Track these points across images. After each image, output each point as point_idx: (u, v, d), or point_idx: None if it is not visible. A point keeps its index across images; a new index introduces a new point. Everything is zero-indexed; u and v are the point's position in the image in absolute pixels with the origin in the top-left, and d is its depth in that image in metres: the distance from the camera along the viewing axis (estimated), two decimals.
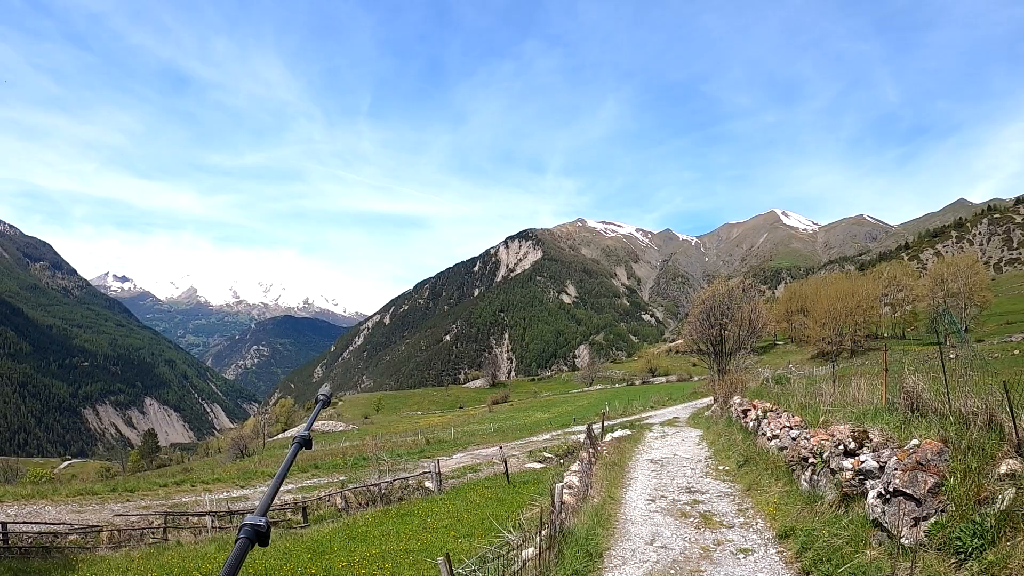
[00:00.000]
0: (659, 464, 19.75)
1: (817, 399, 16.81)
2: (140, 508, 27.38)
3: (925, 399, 10.54)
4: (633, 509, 13.65)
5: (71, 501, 29.24)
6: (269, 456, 56.22)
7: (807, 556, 9.21)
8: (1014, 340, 72.91)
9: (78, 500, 29.56)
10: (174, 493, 32.18)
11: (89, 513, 26.56)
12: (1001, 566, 5.65)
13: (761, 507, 12.74)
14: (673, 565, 9.77)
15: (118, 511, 26.02)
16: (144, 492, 32.13)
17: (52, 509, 27.30)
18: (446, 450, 43.51)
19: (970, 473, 7.11)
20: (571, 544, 10.28)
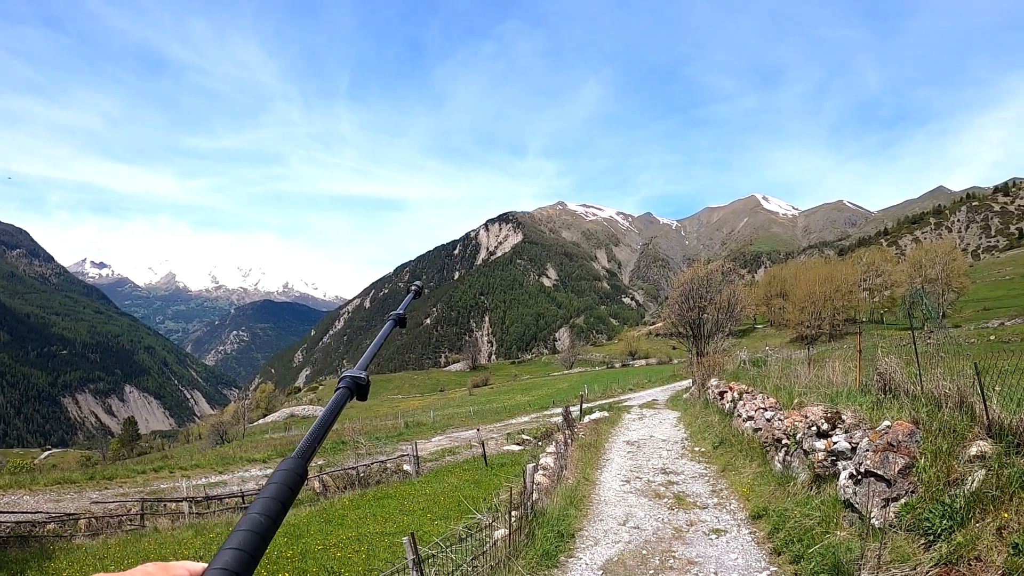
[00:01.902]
0: (635, 446, 19.78)
1: (792, 381, 16.87)
2: (118, 495, 27.08)
3: (898, 381, 10.55)
4: (607, 490, 13.64)
5: (49, 490, 28.91)
6: (249, 441, 55.87)
7: (779, 536, 9.22)
8: (991, 326, 73.64)
9: (56, 489, 29.24)
10: (152, 480, 31.89)
11: (67, 502, 26.28)
12: (970, 548, 5.64)
13: (735, 488, 12.76)
14: (645, 545, 9.75)
15: (96, 499, 25.71)
16: (122, 479, 31.83)
17: (30, 499, 26.97)
18: (425, 433, 43.42)
19: (940, 454, 7.11)
20: (543, 525, 10.24)
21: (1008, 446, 6.47)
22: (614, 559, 9.28)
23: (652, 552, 9.45)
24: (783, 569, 8.36)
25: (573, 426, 23.62)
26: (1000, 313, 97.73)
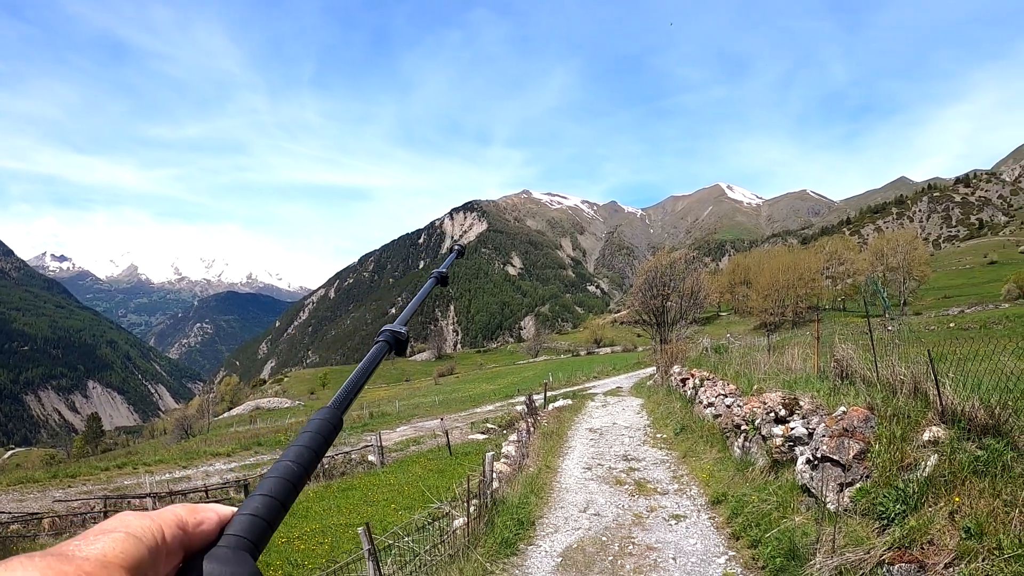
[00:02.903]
0: (598, 433, 19.83)
1: (752, 368, 17.01)
2: (82, 493, 26.66)
3: (855, 368, 10.65)
4: (569, 477, 13.64)
5: (12, 490, 28.32)
6: (214, 435, 55.15)
7: (737, 521, 9.29)
8: (951, 314, 75.00)
9: (19, 489, 28.65)
10: (116, 476, 31.44)
11: (30, 501, 25.79)
12: (922, 531, 5.68)
13: (695, 474, 12.84)
14: (605, 532, 9.76)
15: (59, 497, 25.32)
16: (86, 477, 31.34)
17: None
18: (390, 423, 43.21)
19: (895, 440, 7.17)
20: (503, 513, 10.21)
21: (961, 431, 6.54)
22: (574, 546, 9.28)
23: (612, 538, 9.46)
24: (741, 554, 8.42)
25: (536, 414, 23.64)
26: (960, 301, 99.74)
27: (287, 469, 0.76)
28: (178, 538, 0.55)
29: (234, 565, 0.58)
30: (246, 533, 0.64)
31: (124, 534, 0.47)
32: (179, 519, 0.57)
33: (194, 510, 0.62)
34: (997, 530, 4.93)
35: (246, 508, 0.68)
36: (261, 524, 0.66)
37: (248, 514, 0.67)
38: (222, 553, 0.60)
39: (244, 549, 0.61)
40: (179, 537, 0.56)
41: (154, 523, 0.52)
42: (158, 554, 0.50)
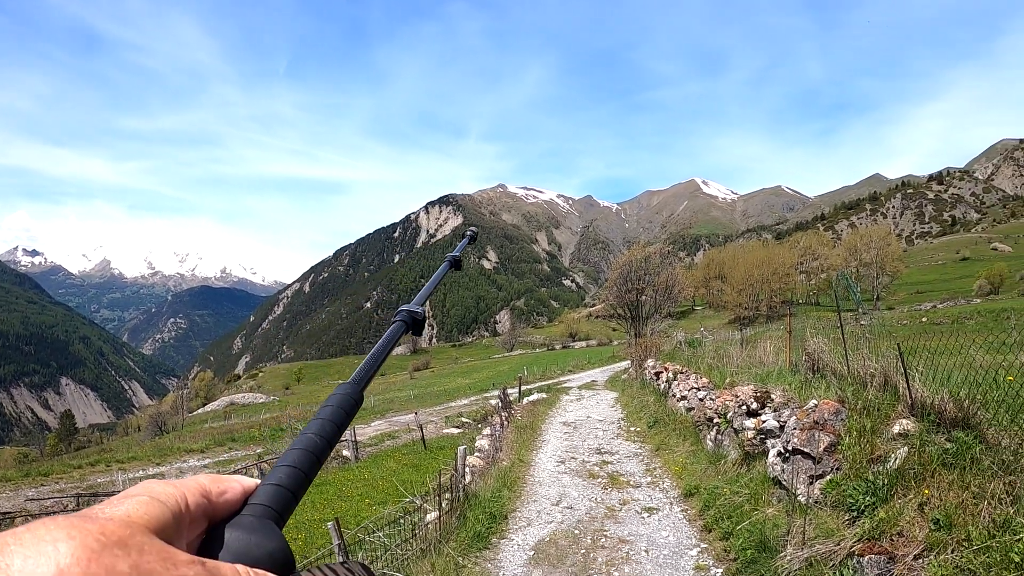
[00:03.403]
0: (572, 426, 19.85)
1: (725, 361, 17.08)
2: (55, 492, 26.30)
3: (826, 361, 10.71)
4: (542, 471, 13.63)
5: None
6: (188, 432, 54.67)
7: (709, 514, 9.32)
8: (923, 309, 76.05)
9: None
10: (89, 474, 31.09)
11: (3, 500, 25.38)
12: (892, 523, 5.71)
13: (668, 467, 12.87)
14: (578, 525, 9.75)
15: (31, 496, 24.97)
16: (59, 475, 30.97)
17: None
18: (364, 418, 43.00)
19: (865, 432, 7.20)
20: (475, 507, 10.17)
21: (930, 424, 6.57)
22: (546, 539, 9.26)
23: (584, 532, 9.45)
24: (713, 546, 8.44)
25: (510, 408, 23.62)
26: (932, 296, 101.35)
27: (310, 441, 0.76)
28: (201, 506, 0.56)
29: (259, 534, 0.58)
30: (271, 502, 0.64)
31: (148, 498, 0.48)
32: (203, 488, 0.58)
33: (218, 480, 0.62)
34: (966, 522, 4.95)
35: (270, 479, 0.68)
36: (286, 494, 0.66)
37: (273, 484, 0.67)
38: (247, 522, 0.60)
39: (269, 518, 0.61)
40: (202, 505, 0.56)
41: (178, 490, 0.53)
42: (182, 520, 0.50)
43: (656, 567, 7.96)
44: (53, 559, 0.41)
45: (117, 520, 0.44)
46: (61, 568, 0.40)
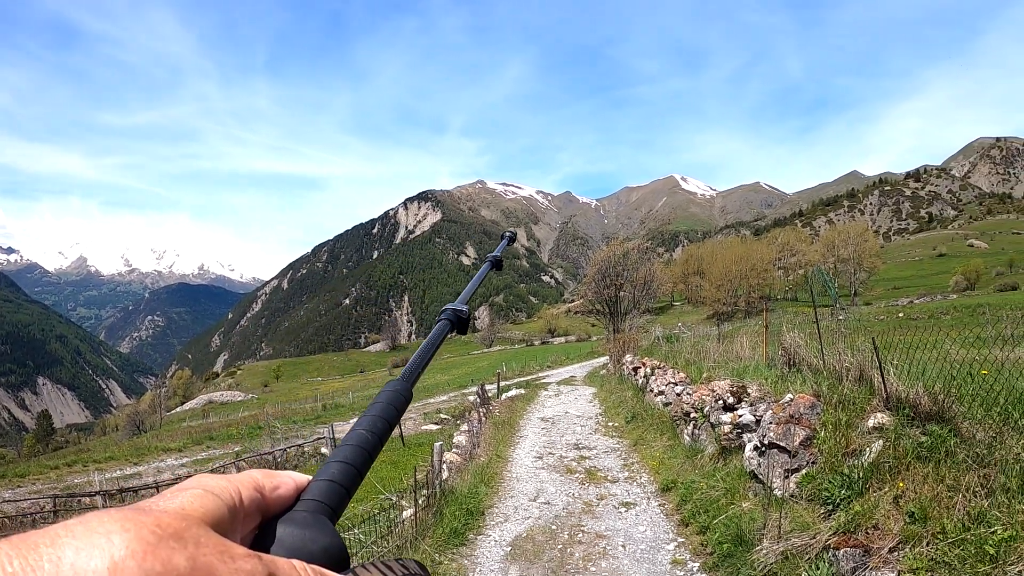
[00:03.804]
0: (550, 422, 19.84)
1: (702, 356, 17.15)
2: (31, 493, 25.97)
3: (802, 356, 10.75)
4: (520, 467, 13.60)
5: None
6: (166, 431, 54.06)
7: (686, 508, 9.33)
8: (900, 304, 76.80)
9: None
10: (66, 475, 30.75)
11: None
12: (867, 516, 5.72)
13: (646, 461, 12.88)
14: (555, 521, 9.72)
15: (8, 497, 24.63)
16: (35, 476, 30.61)
17: None
18: (343, 415, 42.84)
19: (840, 426, 7.23)
20: (452, 503, 10.11)
21: (905, 418, 6.60)
22: (523, 535, 9.22)
23: (561, 527, 9.42)
24: (690, 540, 8.44)
25: (489, 404, 23.57)
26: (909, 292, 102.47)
27: (361, 437, 0.76)
28: (255, 501, 0.56)
29: (313, 529, 0.58)
30: (324, 498, 0.63)
31: (203, 491, 0.48)
32: (256, 482, 0.58)
33: (271, 475, 0.62)
34: (941, 514, 4.96)
35: (323, 474, 0.67)
36: (339, 490, 0.66)
37: (325, 480, 0.66)
38: (300, 517, 0.59)
39: (322, 513, 0.61)
40: (256, 500, 0.56)
41: (231, 484, 0.53)
42: (236, 514, 0.50)
43: (633, 562, 7.95)
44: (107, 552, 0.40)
45: (172, 512, 0.44)
46: (115, 561, 0.40)
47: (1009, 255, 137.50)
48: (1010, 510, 4.50)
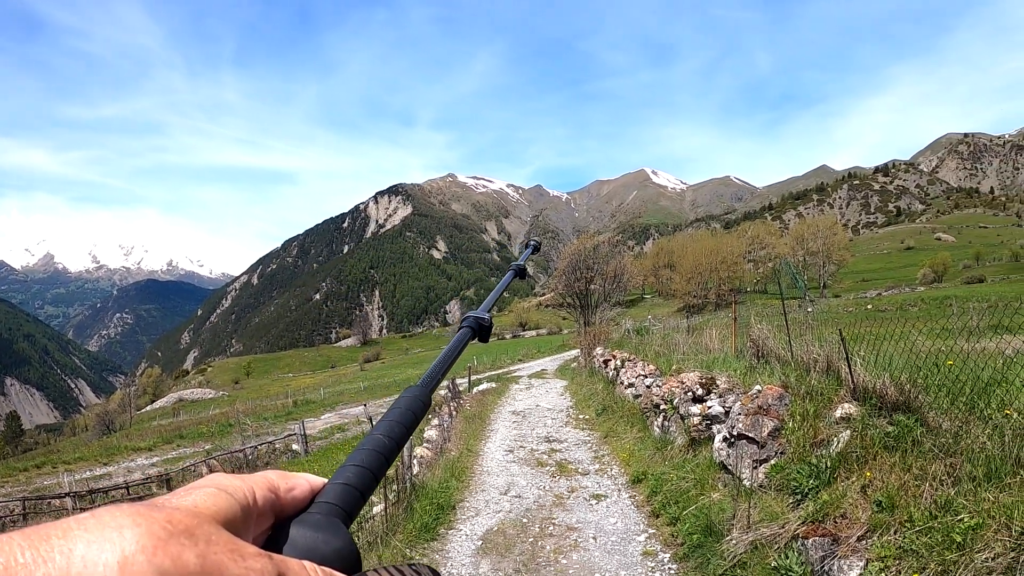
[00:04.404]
0: (521, 415, 19.85)
1: (671, 349, 17.20)
2: (0, 496, 25.64)
3: (770, 347, 10.82)
4: (491, 460, 13.58)
5: None
6: (136, 430, 53.37)
7: (657, 499, 9.35)
8: (869, 296, 77.90)
9: None
10: (36, 477, 30.29)
11: None
12: (835, 505, 5.75)
13: (616, 454, 12.91)
14: (526, 514, 9.71)
15: None
16: (3, 479, 30.09)
17: None
18: (314, 411, 42.66)
19: (808, 417, 7.28)
20: (422, 498, 10.06)
21: (872, 408, 6.65)
22: (494, 529, 9.20)
23: (532, 520, 9.41)
24: (661, 531, 8.46)
25: (460, 398, 23.53)
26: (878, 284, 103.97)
27: (378, 442, 0.76)
28: (269, 501, 0.56)
29: (326, 531, 0.58)
30: (338, 501, 0.63)
31: (216, 489, 0.49)
32: (271, 483, 0.58)
33: (286, 476, 0.62)
34: (908, 503, 5.00)
35: (338, 477, 0.67)
36: (354, 493, 0.65)
37: (340, 483, 0.66)
38: (314, 519, 0.59)
39: (336, 516, 0.61)
40: (270, 500, 0.56)
41: (246, 484, 0.53)
42: (249, 513, 0.51)
43: (604, 553, 7.95)
44: (118, 546, 0.40)
45: (185, 509, 0.43)
46: (126, 555, 0.40)
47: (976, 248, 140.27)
48: (976, 498, 4.54)
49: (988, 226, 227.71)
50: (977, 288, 66.00)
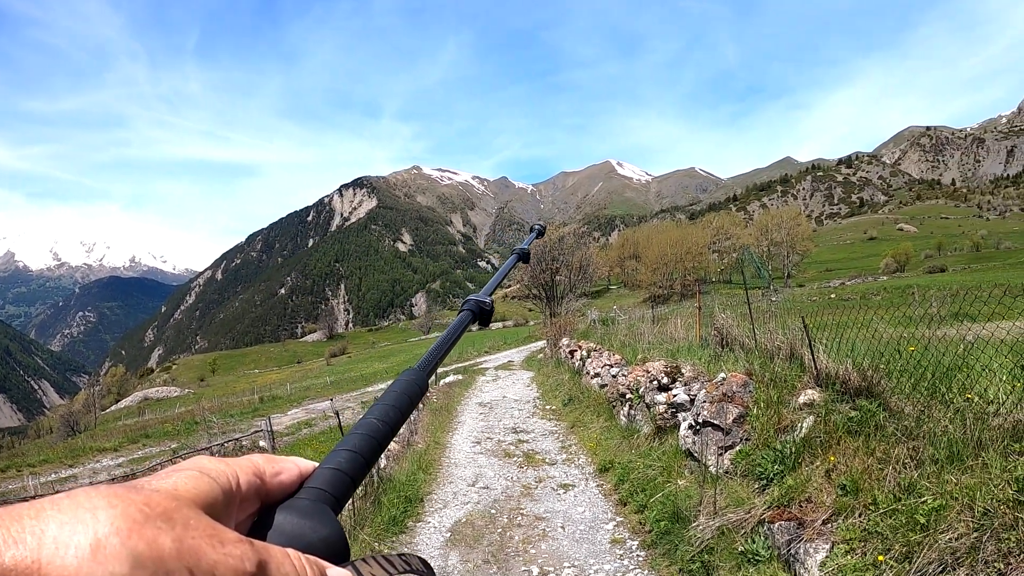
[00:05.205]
0: (488, 407, 19.84)
1: (637, 338, 17.28)
2: None
3: (734, 335, 10.91)
4: (458, 452, 13.55)
5: None
6: (101, 431, 52.37)
7: (624, 488, 9.39)
8: (833, 285, 78.89)
9: None
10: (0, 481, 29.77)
11: None
12: (800, 490, 5.81)
13: (583, 443, 12.94)
14: (494, 505, 9.69)
15: None
16: None
17: None
18: (281, 407, 42.29)
19: (772, 403, 7.34)
20: (390, 491, 10.00)
21: (835, 393, 6.72)
22: (463, 520, 9.17)
23: (501, 511, 9.40)
24: (628, 519, 8.50)
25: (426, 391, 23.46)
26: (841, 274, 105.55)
27: (371, 426, 0.74)
28: (254, 486, 0.55)
29: (314, 518, 0.56)
30: (327, 487, 0.61)
31: (198, 472, 0.48)
32: (256, 467, 0.57)
33: (273, 460, 0.61)
34: (872, 486, 5.06)
35: (329, 462, 0.65)
36: (344, 479, 0.63)
37: (331, 468, 0.64)
38: (301, 505, 0.57)
39: (325, 502, 0.59)
40: (255, 485, 0.55)
41: (229, 467, 0.52)
42: (232, 498, 0.50)
43: (573, 542, 7.96)
44: (91, 528, 0.39)
45: (163, 492, 0.43)
46: (99, 537, 0.38)
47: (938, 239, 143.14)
48: (939, 480, 4.60)
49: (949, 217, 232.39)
50: (939, 277, 67.19)
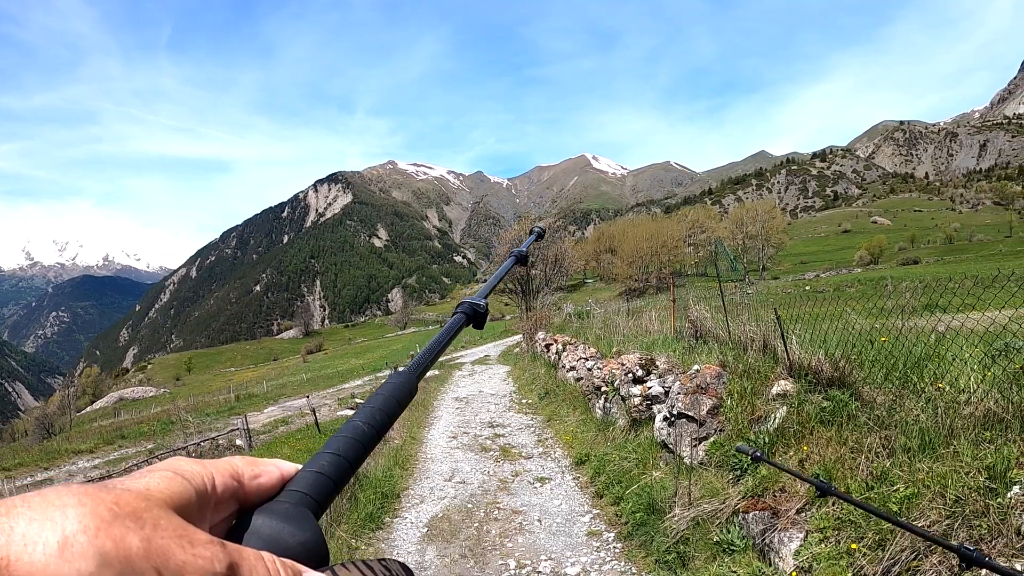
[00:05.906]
0: (464, 401, 19.83)
1: (612, 331, 17.34)
2: None
3: (708, 327, 10.98)
4: (434, 447, 13.53)
5: None
6: (76, 432, 51.75)
7: (600, 480, 9.41)
8: (807, 277, 79.74)
9: None
10: None
11: None
12: (773, 480, 5.86)
13: (560, 436, 12.97)
14: (471, 499, 9.69)
15: None
16: None
17: None
18: (257, 405, 41.99)
19: (746, 395, 7.40)
20: (366, 488, 9.95)
21: (808, 384, 6.78)
22: (439, 515, 9.15)
23: (477, 505, 9.40)
24: (605, 511, 8.53)
25: None
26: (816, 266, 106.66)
27: (357, 429, 0.72)
28: (230, 488, 0.54)
29: (293, 522, 0.54)
30: (309, 490, 0.59)
31: (172, 473, 0.47)
32: (234, 469, 0.56)
33: (253, 462, 0.59)
34: (845, 475, 5.11)
35: (311, 465, 0.63)
36: (327, 483, 0.61)
37: (313, 471, 0.62)
38: (280, 508, 0.56)
39: (306, 506, 0.57)
40: (232, 487, 0.54)
41: (205, 469, 0.52)
42: (206, 499, 0.49)
43: (550, 535, 7.98)
44: (60, 525, 0.39)
45: (134, 492, 0.43)
46: (67, 535, 0.38)
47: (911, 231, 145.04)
48: (911, 469, 4.65)
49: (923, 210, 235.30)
50: (912, 269, 67.98)
